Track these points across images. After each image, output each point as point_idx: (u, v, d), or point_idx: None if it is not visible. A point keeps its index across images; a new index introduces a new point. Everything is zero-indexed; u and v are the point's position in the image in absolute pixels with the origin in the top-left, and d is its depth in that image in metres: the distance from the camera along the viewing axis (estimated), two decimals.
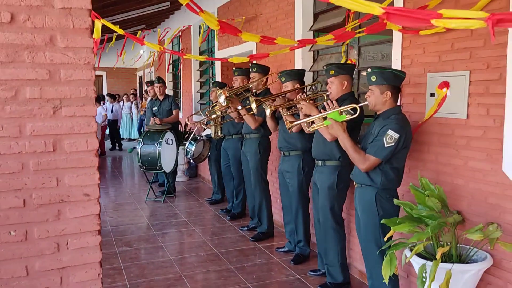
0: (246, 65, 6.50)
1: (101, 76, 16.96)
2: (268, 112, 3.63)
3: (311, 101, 3.40)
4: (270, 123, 4.33)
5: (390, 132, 2.68)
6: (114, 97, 13.00)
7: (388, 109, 2.80)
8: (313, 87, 4.23)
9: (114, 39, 5.94)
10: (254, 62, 5.33)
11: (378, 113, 2.87)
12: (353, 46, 4.17)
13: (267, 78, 4.73)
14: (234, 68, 5.21)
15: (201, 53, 8.40)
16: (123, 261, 4.16)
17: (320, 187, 3.44)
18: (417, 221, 2.42)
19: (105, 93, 16.12)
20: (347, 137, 2.84)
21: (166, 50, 3.64)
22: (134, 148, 8.98)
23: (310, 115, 3.31)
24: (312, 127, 3.05)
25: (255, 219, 5.01)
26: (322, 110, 3.14)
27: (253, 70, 4.67)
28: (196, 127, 6.30)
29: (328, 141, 3.33)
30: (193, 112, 8.53)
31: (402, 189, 2.99)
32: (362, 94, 4.01)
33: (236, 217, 5.57)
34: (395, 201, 2.63)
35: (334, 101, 2.98)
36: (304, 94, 3.49)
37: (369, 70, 2.82)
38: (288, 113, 3.63)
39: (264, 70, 4.73)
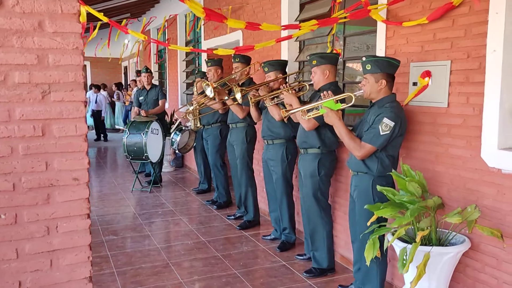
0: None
1: (85, 65, 16.71)
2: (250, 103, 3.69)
3: (293, 91, 3.46)
4: (253, 113, 4.38)
5: (385, 120, 2.73)
6: (98, 87, 12.88)
7: (383, 97, 2.85)
8: (295, 76, 4.28)
9: (98, 27, 5.88)
10: None
11: (373, 101, 2.92)
12: (338, 36, 4.23)
13: (249, 68, 4.77)
14: (206, 59, 5.24)
15: (187, 43, 8.38)
16: (110, 250, 4.19)
17: (303, 175, 3.50)
18: (399, 206, 2.50)
19: (89, 83, 15.96)
20: (342, 125, 2.89)
21: (151, 40, 3.63)
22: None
23: (291, 104, 3.38)
24: (308, 116, 3.10)
25: (242, 208, 5.07)
26: (319, 99, 3.16)
27: (236, 60, 4.70)
28: (182, 117, 6.31)
29: (306, 130, 3.39)
30: (179, 102, 8.53)
31: None
32: (348, 84, 4.08)
33: (222, 206, 5.61)
34: (378, 187, 2.70)
35: (329, 91, 3.02)
36: (287, 84, 3.54)
37: (363, 58, 2.86)
38: (272, 103, 3.67)
39: (246, 60, 4.77)
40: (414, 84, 2.99)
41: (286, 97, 3.38)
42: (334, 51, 4.03)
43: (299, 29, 3.38)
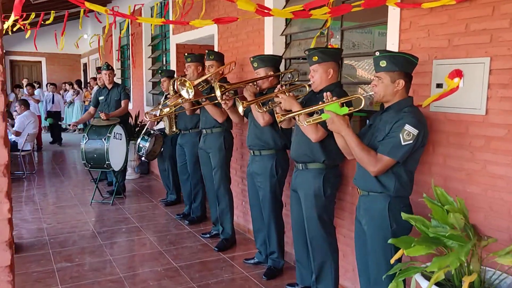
0: (200, 51, 5.90)
1: (40, 62, 15.55)
2: (240, 109, 3.06)
3: (291, 94, 2.87)
4: (233, 117, 3.78)
5: (407, 127, 2.20)
6: (55, 86, 11.88)
7: (399, 101, 2.33)
8: (289, 76, 3.69)
9: (52, 16, 5.10)
10: (212, 49, 4.73)
11: (386, 105, 2.38)
12: (333, 31, 3.68)
13: (224, 67, 4.15)
14: (186, 54, 4.58)
15: (153, 39, 7.66)
16: (62, 282, 3.47)
17: (303, 195, 2.92)
18: (435, 242, 1.96)
19: (44, 81, 14.83)
20: (351, 133, 2.33)
21: (114, 13, 2.95)
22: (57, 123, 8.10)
23: (290, 111, 2.78)
24: (308, 121, 2.51)
25: (218, 225, 4.45)
26: (321, 101, 2.58)
27: (210, 57, 4.08)
28: (149, 121, 5.62)
29: (313, 141, 2.81)
30: (145, 102, 7.80)
31: None
32: (345, 84, 3.53)
33: (196, 222, 4.97)
34: (404, 215, 2.16)
35: (328, 93, 2.46)
36: (283, 86, 2.94)
37: (377, 53, 2.32)
38: (265, 109, 3.06)
39: (221, 58, 4.17)
40: (439, 86, 2.47)
41: (284, 101, 2.79)
42: (330, 47, 3.48)
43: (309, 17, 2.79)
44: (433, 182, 2.27)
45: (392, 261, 2.13)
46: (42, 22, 5.45)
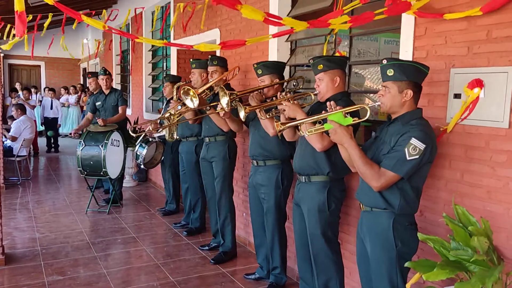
0: (202, 56, 5.74)
1: (39, 66, 15.41)
2: (242, 115, 2.90)
3: (295, 102, 2.71)
4: (232, 125, 3.64)
5: (414, 141, 2.05)
6: (54, 91, 11.69)
7: (406, 112, 2.17)
8: (294, 83, 3.54)
9: (49, 19, 4.95)
10: (215, 54, 4.58)
11: (393, 116, 2.23)
12: (341, 37, 3.54)
13: (228, 73, 4.00)
14: (192, 60, 4.43)
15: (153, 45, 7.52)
16: None
17: (307, 209, 2.75)
18: (457, 266, 1.79)
19: (43, 85, 14.68)
20: (354, 145, 2.18)
21: (113, 31, 2.80)
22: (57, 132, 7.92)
23: (294, 119, 2.63)
24: (309, 131, 2.36)
25: (218, 237, 4.27)
26: (325, 111, 2.43)
27: (214, 63, 3.94)
28: (148, 127, 5.45)
29: (318, 151, 2.66)
30: (144, 108, 7.65)
31: None
32: (353, 94, 3.38)
33: (194, 233, 4.79)
34: (420, 235, 2.00)
35: (332, 102, 2.31)
36: (288, 93, 2.79)
37: (384, 61, 2.17)
38: (268, 116, 2.92)
39: (225, 64, 4.03)
40: (457, 96, 2.31)
41: (288, 108, 2.64)
42: (337, 54, 3.33)
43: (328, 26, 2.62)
44: (453, 200, 2.10)
45: (408, 286, 1.97)
46: (39, 25, 5.32)
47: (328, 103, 2.31)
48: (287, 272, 3.55)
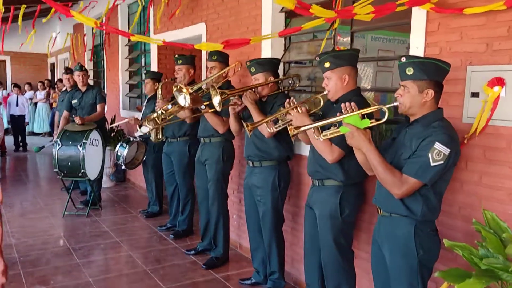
0: (190, 52, 5.50)
1: (4, 61, 14.69)
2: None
3: (303, 109, 2.56)
4: (233, 125, 3.45)
5: (437, 145, 1.94)
6: (19, 88, 11.15)
7: (427, 113, 2.07)
8: (289, 81, 3.40)
9: (22, 11, 4.62)
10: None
11: (412, 118, 2.12)
12: (339, 32, 3.42)
13: (228, 70, 3.82)
14: (177, 56, 4.22)
15: (129, 39, 7.21)
16: None
17: (318, 214, 2.62)
18: (491, 276, 1.70)
19: (9, 81, 14.01)
20: (373, 149, 2.06)
21: (103, 27, 2.58)
22: (43, 147, 7.49)
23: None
24: (324, 135, 2.23)
25: (206, 240, 4.10)
26: (339, 113, 2.29)
27: (213, 58, 3.73)
28: (131, 123, 5.21)
29: (329, 163, 2.52)
30: (121, 106, 7.35)
31: None
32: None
33: (182, 236, 4.60)
34: (447, 242, 1.90)
35: (352, 103, 2.18)
36: (292, 100, 2.62)
37: (403, 59, 2.06)
38: (275, 129, 2.74)
39: (225, 59, 3.83)
40: (474, 95, 2.24)
41: (295, 118, 2.48)
42: (337, 49, 3.21)
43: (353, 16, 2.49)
44: (482, 205, 2.02)
45: None
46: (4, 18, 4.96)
47: (343, 105, 2.18)
48: (284, 277, 3.43)
